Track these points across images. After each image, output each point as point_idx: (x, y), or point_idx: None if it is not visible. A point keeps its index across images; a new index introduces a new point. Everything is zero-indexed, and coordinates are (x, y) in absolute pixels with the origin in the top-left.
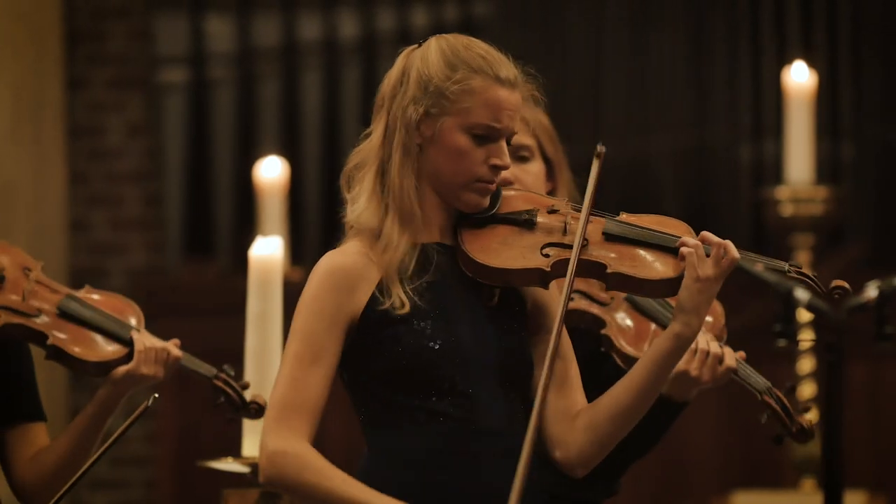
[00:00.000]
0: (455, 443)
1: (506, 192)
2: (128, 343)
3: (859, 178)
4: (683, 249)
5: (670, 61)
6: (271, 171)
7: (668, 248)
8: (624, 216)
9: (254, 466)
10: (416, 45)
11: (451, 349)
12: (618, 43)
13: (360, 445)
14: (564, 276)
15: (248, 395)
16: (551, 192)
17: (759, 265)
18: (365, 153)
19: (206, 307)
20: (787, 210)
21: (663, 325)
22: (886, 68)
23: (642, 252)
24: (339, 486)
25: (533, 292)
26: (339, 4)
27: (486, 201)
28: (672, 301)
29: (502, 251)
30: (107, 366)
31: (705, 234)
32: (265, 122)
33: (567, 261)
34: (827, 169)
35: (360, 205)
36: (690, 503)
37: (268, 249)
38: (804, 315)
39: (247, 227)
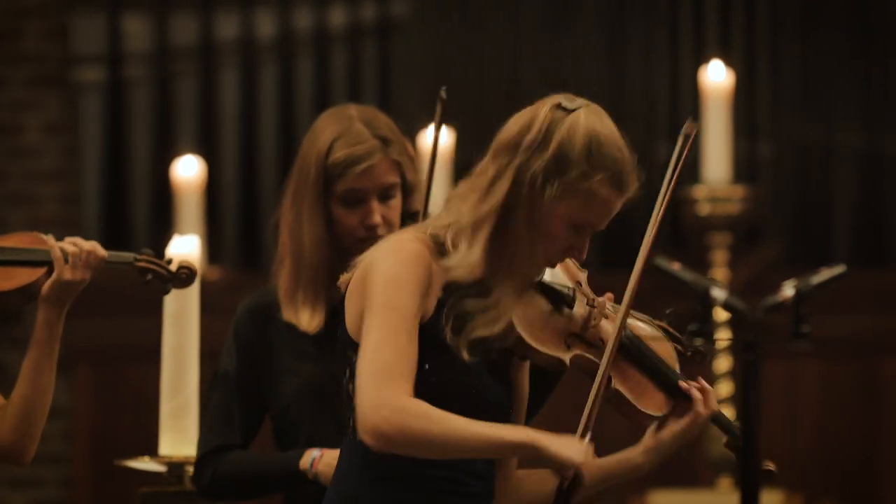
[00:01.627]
0: (450, 476)
1: None
2: (45, 263)
3: (776, 177)
4: (695, 394)
5: (587, 60)
6: (188, 169)
7: (668, 387)
8: (641, 326)
9: (170, 466)
10: (562, 101)
11: (479, 393)
12: (535, 42)
13: None
14: (576, 369)
15: (173, 266)
16: (412, 212)
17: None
18: (482, 193)
19: (123, 305)
20: (705, 209)
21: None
22: (804, 68)
23: (644, 378)
24: (462, 426)
25: (518, 366)
26: (257, 3)
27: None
28: None
29: (538, 329)
30: (31, 288)
31: (701, 384)
32: (182, 120)
33: (585, 358)
34: (744, 168)
35: (473, 254)
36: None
37: (185, 248)
38: (721, 314)
39: (164, 226)
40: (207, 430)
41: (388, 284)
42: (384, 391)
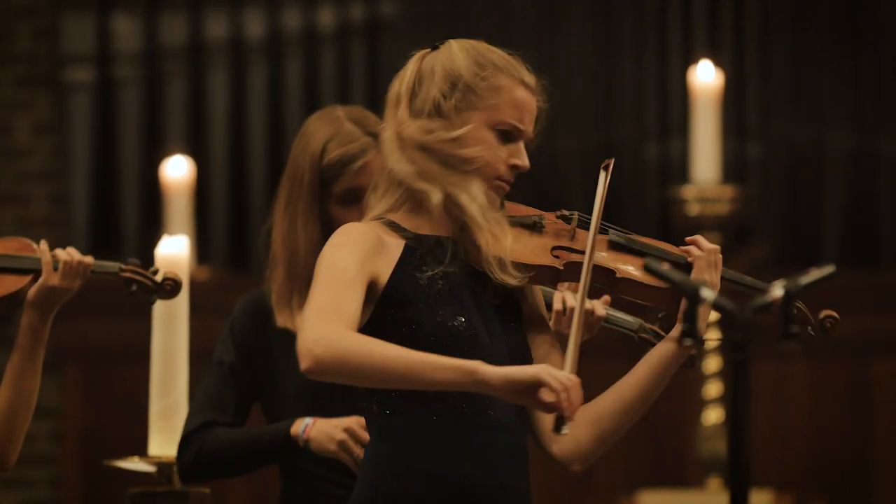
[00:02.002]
0: (466, 433)
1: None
2: (31, 271)
3: (766, 177)
4: (695, 252)
5: (577, 60)
6: (178, 170)
7: (672, 261)
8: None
9: (160, 466)
10: (428, 49)
11: (471, 335)
12: (524, 42)
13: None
14: (575, 278)
15: (159, 277)
16: None
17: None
18: (394, 149)
19: (113, 306)
20: (694, 209)
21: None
22: (793, 68)
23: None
24: (400, 354)
25: (528, 298)
26: (246, 4)
27: (499, 202)
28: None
29: (515, 248)
30: (17, 295)
31: (697, 237)
32: (172, 121)
33: (577, 264)
34: (733, 168)
35: (428, 201)
36: (595, 503)
37: (174, 248)
38: (710, 315)
39: (153, 227)
40: (195, 411)
41: (330, 252)
42: (322, 327)
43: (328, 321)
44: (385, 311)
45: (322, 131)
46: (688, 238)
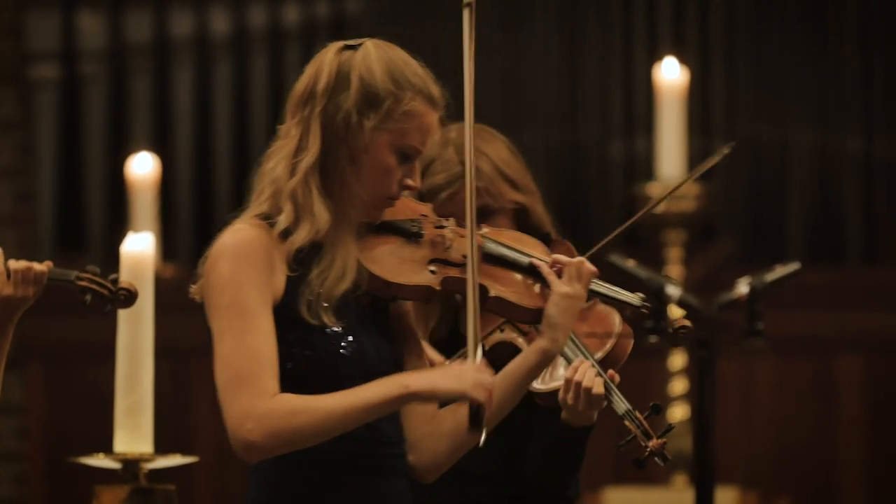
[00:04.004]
0: (360, 451)
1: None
2: None
3: (731, 174)
4: (543, 269)
5: (542, 57)
6: (143, 167)
7: (538, 274)
8: (491, 231)
9: (125, 463)
10: (343, 44)
11: (359, 356)
12: (490, 39)
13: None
14: (452, 292)
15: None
16: (544, 232)
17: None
18: (291, 152)
19: (78, 303)
20: (659, 206)
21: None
22: (758, 65)
23: (519, 276)
24: (331, 404)
25: (397, 309)
26: (211, 1)
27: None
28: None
29: (392, 263)
30: None
31: (558, 256)
32: (137, 118)
33: (453, 279)
34: (698, 165)
35: (311, 212)
36: None
37: (139, 245)
38: (676, 311)
39: (118, 224)
40: None
41: (226, 285)
42: (242, 401)
43: (248, 390)
44: (279, 331)
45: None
46: (554, 256)
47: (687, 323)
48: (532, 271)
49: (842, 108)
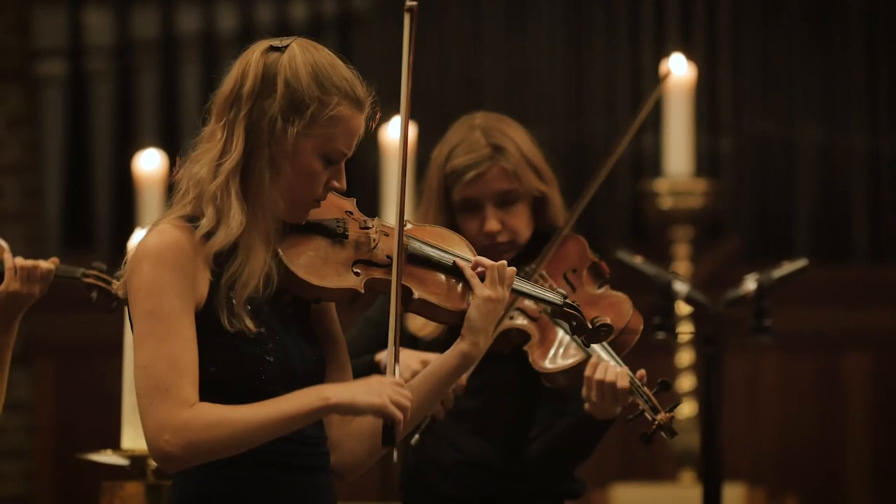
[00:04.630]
0: (280, 449)
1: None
2: None
3: (738, 171)
4: (467, 271)
5: (549, 54)
6: (150, 163)
7: (462, 276)
8: (413, 228)
9: (133, 459)
10: (269, 45)
11: (281, 361)
12: (496, 36)
13: None
14: (376, 292)
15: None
16: (553, 225)
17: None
18: (213, 155)
19: (85, 300)
20: (666, 203)
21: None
22: (765, 62)
23: (443, 277)
24: (250, 417)
25: (320, 317)
26: None
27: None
28: None
29: (317, 265)
30: None
31: (480, 258)
32: (144, 114)
33: (377, 280)
34: (705, 162)
35: (228, 215)
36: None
37: None
38: (683, 308)
39: (125, 220)
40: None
41: (148, 290)
42: (160, 412)
43: (166, 400)
44: (201, 336)
45: (453, 137)
46: (476, 259)
47: (607, 320)
48: (456, 272)
49: (848, 106)
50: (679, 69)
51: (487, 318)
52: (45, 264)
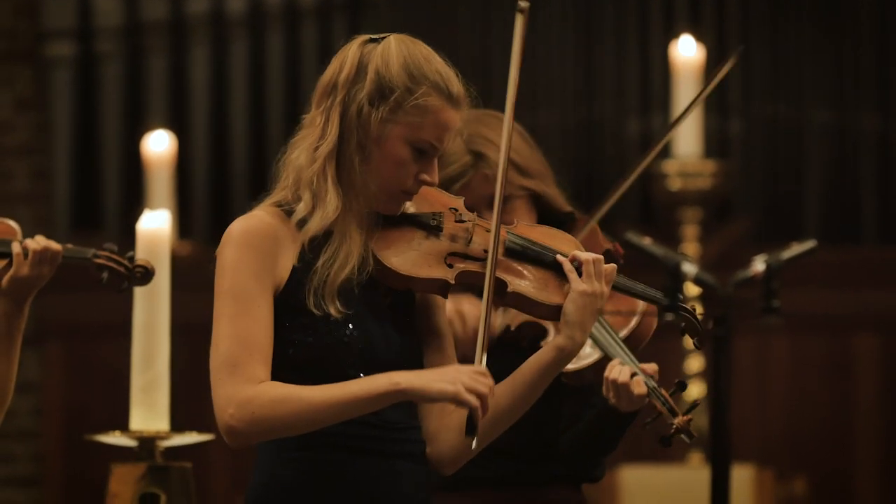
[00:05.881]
0: (362, 433)
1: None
2: (8, 255)
3: (747, 152)
4: (574, 262)
5: (558, 36)
6: (159, 145)
7: (561, 270)
8: (519, 227)
9: (141, 440)
10: (368, 37)
11: (362, 345)
12: (506, 18)
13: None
14: (464, 287)
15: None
16: (567, 212)
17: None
18: (312, 142)
19: (95, 280)
20: (676, 184)
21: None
22: (774, 43)
23: (541, 272)
24: (315, 396)
25: (423, 303)
26: None
27: (402, 209)
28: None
29: (409, 256)
30: None
31: (577, 252)
32: (153, 96)
33: (470, 273)
34: (715, 143)
35: (326, 198)
36: None
37: (155, 223)
38: (692, 289)
39: (135, 201)
40: None
41: (227, 270)
42: (228, 388)
43: (234, 376)
44: (282, 312)
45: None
46: (573, 253)
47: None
48: (554, 267)
49: (858, 88)
50: (688, 50)
51: (583, 312)
52: (55, 246)
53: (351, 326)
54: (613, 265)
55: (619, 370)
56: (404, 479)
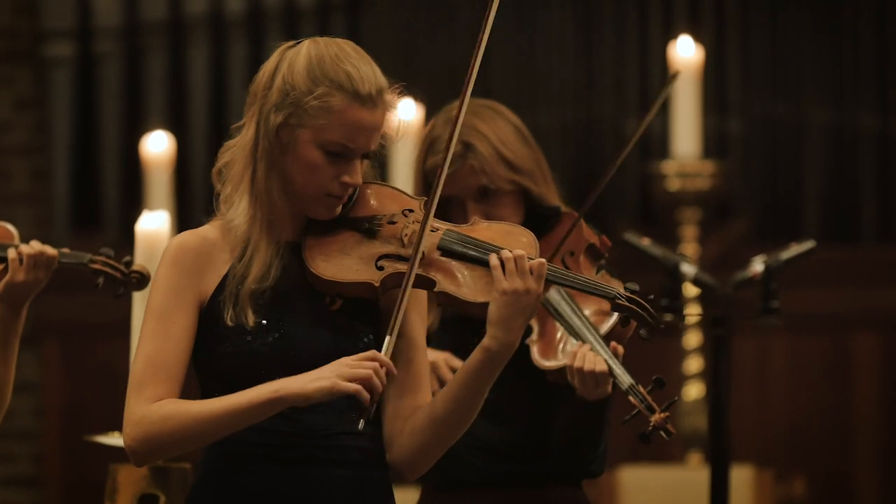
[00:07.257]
0: (277, 442)
1: (367, 189)
2: (1, 260)
3: (746, 152)
4: (491, 262)
5: (557, 35)
6: (158, 145)
7: (481, 258)
8: (475, 225)
9: None
10: (293, 43)
11: (281, 353)
12: (505, 17)
13: None
14: (396, 288)
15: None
16: (551, 206)
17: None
18: (237, 150)
19: (93, 285)
20: (674, 184)
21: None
22: (773, 43)
23: (477, 271)
24: (201, 410)
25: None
26: None
27: (335, 213)
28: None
29: (338, 261)
30: None
31: (503, 251)
32: (152, 96)
33: (399, 274)
34: (713, 143)
35: (238, 207)
36: None
37: (154, 224)
38: (691, 290)
39: (134, 202)
40: None
41: (153, 289)
42: (131, 406)
43: (136, 395)
44: (205, 330)
45: (431, 133)
46: (501, 252)
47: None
48: (486, 265)
49: (857, 86)
50: (687, 50)
51: (506, 311)
52: (51, 251)
53: (270, 336)
54: (542, 261)
55: (581, 354)
56: (335, 486)
